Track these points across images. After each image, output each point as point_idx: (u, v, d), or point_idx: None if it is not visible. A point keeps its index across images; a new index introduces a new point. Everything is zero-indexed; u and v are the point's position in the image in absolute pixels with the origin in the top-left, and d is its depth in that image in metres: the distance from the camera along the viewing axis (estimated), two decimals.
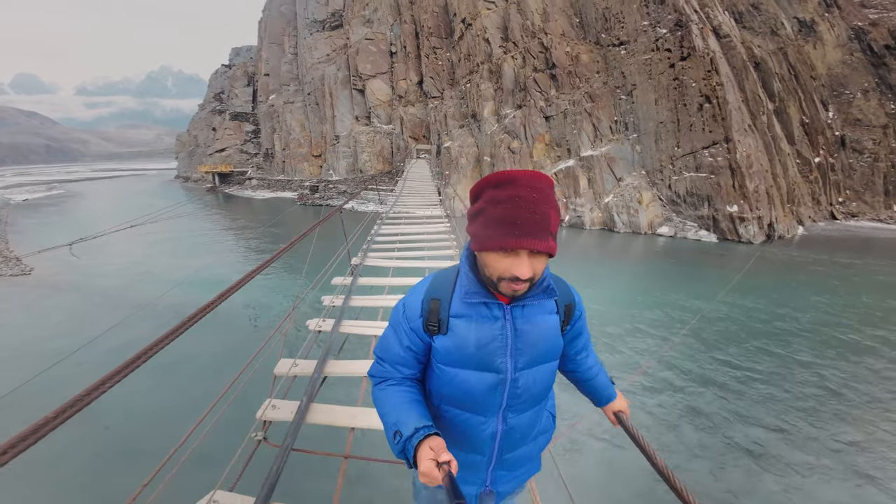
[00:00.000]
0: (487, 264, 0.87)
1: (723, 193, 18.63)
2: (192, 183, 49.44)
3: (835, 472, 4.84)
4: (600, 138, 21.81)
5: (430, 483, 0.76)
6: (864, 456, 5.06)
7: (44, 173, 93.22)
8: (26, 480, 4.50)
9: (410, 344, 0.98)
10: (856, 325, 9.23)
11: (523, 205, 0.79)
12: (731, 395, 6.34)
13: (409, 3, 31.87)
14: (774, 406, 6.06)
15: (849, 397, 6.33)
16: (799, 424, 5.67)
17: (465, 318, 0.93)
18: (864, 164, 27.44)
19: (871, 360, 7.51)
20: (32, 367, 5.63)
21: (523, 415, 1.00)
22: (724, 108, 18.90)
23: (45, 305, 10.42)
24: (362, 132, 30.39)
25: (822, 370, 7.11)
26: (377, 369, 1.03)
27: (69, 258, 13.99)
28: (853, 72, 28.62)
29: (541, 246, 0.80)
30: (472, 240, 0.88)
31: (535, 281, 0.87)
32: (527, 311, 0.94)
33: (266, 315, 9.75)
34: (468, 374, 0.94)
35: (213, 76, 57.68)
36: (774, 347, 8.06)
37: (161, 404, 5.91)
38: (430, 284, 0.99)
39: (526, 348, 0.94)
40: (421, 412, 0.91)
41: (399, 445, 0.84)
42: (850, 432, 5.52)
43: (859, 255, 16.95)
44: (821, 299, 11.00)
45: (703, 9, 23.82)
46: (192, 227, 23.20)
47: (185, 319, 1.35)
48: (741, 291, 11.22)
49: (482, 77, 25.04)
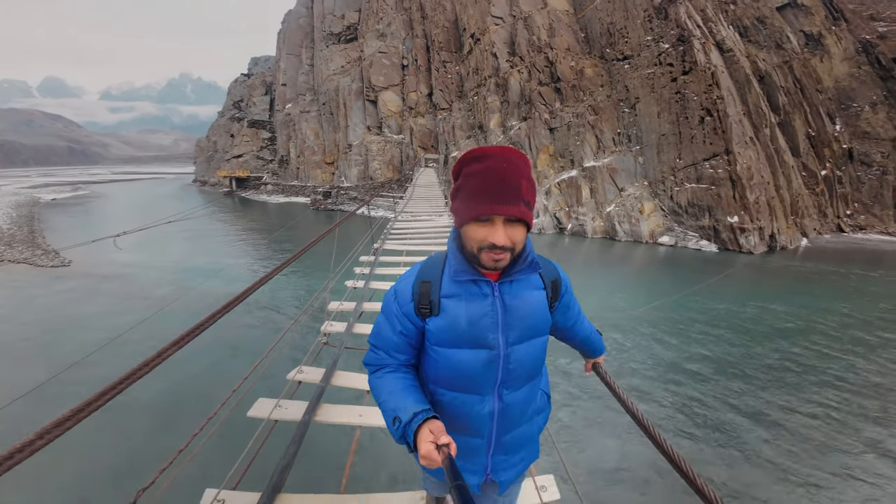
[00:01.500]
0: (468, 237, 0.90)
1: (723, 204, 19.03)
2: (208, 187, 51.31)
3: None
4: (603, 149, 22.45)
5: (430, 465, 0.78)
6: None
7: (67, 175, 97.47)
8: (32, 480, 4.58)
9: (403, 329, 0.99)
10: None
11: (494, 175, 0.83)
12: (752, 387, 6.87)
13: (420, 18, 33.21)
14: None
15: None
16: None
17: (456, 297, 0.95)
18: (872, 177, 27.31)
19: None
20: (92, 340, 6.58)
21: (518, 391, 1.01)
22: (724, 121, 19.39)
23: (90, 292, 11.50)
24: (374, 141, 31.61)
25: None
26: (372, 357, 1.05)
27: (104, 252, 15.10)
28: (861, 85, 28.62)
29: (513, 211, 0.83)
30: (455, 217, 0.92)
31: (515, 252, 0.89)
32: (514, 287, 0.97)
33: (286, 306, 10.60)
34: (462, 353, 0.96)
35: (233, 84, 60.09)
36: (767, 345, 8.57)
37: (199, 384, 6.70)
38: (420, 269, 1.03)
39: (516, 323, 0.96)
40: (418, 397, 0.93)
41: (399, 430, 0.86)
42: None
43: (868, 266, 16.96)
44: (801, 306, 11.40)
45: (707, 23, 24.38)
46: (216, 227, 24.43)
47: (214, 312, 1.43)
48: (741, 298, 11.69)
49: (489, 90, 26.00)
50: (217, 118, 59.83)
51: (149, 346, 6.45)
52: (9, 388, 5.04)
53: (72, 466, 4.74)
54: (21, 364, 7.42)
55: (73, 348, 7.50)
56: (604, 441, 5.58)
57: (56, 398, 5.76)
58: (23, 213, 28.21)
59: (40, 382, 4.36)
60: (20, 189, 52.62)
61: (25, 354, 7.94)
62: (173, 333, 1.23)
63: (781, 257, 18.66)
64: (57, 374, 4.50)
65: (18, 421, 4.92)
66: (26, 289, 11.96)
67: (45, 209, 32.69)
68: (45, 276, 13.36)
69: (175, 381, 6.65)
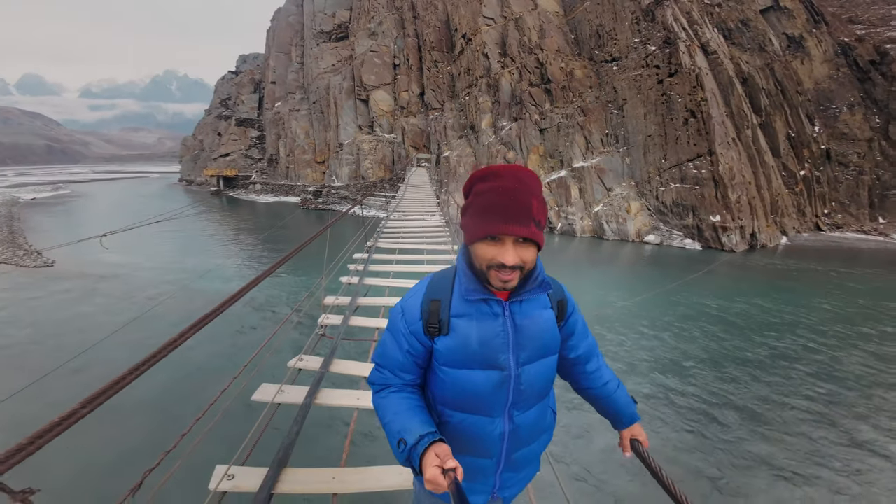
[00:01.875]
0: (477, 255, 0.89)
1: (706, 204, 19.58)
2: (195, 186, 50.42)
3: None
4: (592, 150, 22.85)
5: (436, 490, 0.76)
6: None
7: (45, 174, 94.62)
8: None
9: (410, 348, 0.97)
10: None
11: (505, 193, 0.82)
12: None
13: (412, 17, 33.18)
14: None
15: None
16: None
17: (467, 316, 0.94)
18: (849, 177, 28.29)
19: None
20: (84, 339, 6.55)
21: (528, 412, 1.00)
22: (707, 123, 19.94)
23: (78, 292, 11.35)
24: (365, 140, 31.53)
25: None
26: (377, 376, 1.02)
27: (89, 253, 14.84)
28: (839, 87, 29.59)
29: (523, 231, 0.82)
30: (464, 233, 0.91)
31: (525, 271, 0.88)
32: (524, 307, 0.96)
33: (280, 304, 10.63)
34: (473, 374, 0.94)
35: (220, 82, 59.11)
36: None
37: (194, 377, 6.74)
38: (429, 286, 1.00)
39: (527, 343, 0.95)
40: (424, 419, 0.91)
41: (404, 454, 0.84)
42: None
43: (846, 264, 17.69)
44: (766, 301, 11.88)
45: (693, 26, 24.94)
46: (204, 226, 24.12)
47: (209, 312, 1.44)
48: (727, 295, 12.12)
49: (480, 90, 26.19)
50: (204, 116, 58.80)
51: (144, 345, 6.46)
52: (11, 385, 5.07)
53: (79, 454, 4.87)
54: (16, 363, 7.34)
55: (71, 346, 7.45)
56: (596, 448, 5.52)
57: (61, 390, 5.76)
58: (1, 213, 27.43)
59: (39, 377, 4.40)
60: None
61: (21, 354, 7.85)
62: (166, 332, 1.31)
63: (762, 255, 19.28)
64: (55, 368, 4.60)
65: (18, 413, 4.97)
66: (11, 290, 11.73)
67: (25, 209, 31.79)
68: (29, 276, 13.11)
69: (175, 376, 6.77)
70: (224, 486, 1.66)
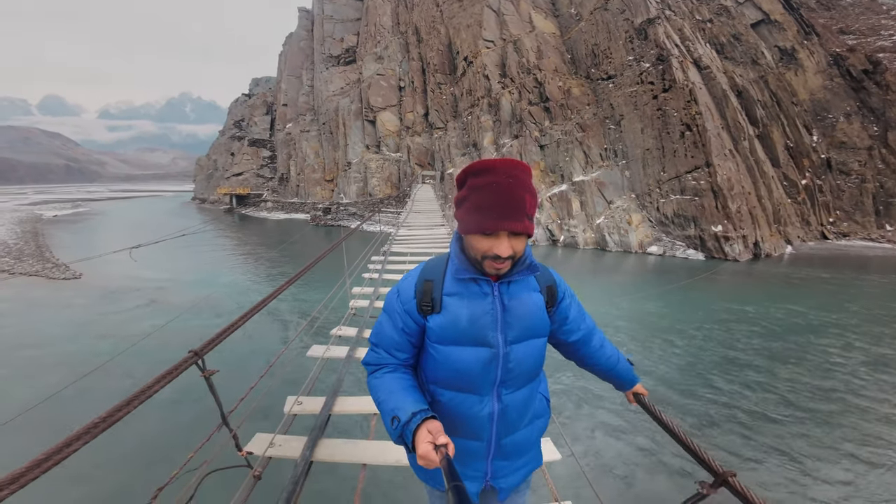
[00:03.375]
0: (472, 246, 0.95)
1: (707, 214, 20.00)
2: (208, 205, 52.14)
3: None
4: (591, 164, 23.57)
5: (427, 465, 0.79)
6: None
7: (64, 192, 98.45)
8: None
9: (404, 326, 1.02)
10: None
11: (501, 191, 0.87)
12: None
13: (416, 41, 34.86)
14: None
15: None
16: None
17: (458, 295, 0.98)
18: (852, 186, 28.38)
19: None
20: (112, 346, 7.26)
21: (517, 392, 1.03)
22: (703, 135, 20.55)
23: (107, 301, 12.14)
24: (372, 159, 32.75)
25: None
26: (372, 356, 1.06)
27: (113, 266, 15.70)
28: (834, 96, 30.01)
29: (517, 227, 0.89)
30: (458, 224, 0.96)
31: (516, 259, 0.95)
32: (513, 288, 1.00)
33: (293, 314, 11.28)
34: (463, 351, 0.98)
35: (234, 104, 61.75)
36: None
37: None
38: (423, 269, 1.06)
39: (514, 322, 0.99)
40: (417, 397, 0.94)
41: (397, 430, 0.87)
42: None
43: (860, 271, 17.84)
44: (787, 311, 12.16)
45: (685, 42, 25.89)
46: (220, 242, 24.91)
47: (246, 311, 1.77)
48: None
49: (482, 110, 27.30)
50: (218, 137, 61.20)
51: (180, 345, 7.14)
52: (48, 388, 5.74)
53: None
54: (44, 370, 8.00)
55: (91, 354, 8.14)
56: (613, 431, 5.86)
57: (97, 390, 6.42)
58: (27, 230, 28.80)
59: (77, 378, 5.06)
60: (19, 206, 53.21)
61: (49, 361, 8.54)
62: (193, 337, 1.94)
63: (767, 264, 19.40)
64: (92, 370, 5.25)
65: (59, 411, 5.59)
66: (48, 298, 12.53)
67: (48, 225, 33.22)
68: (60, 287, 13.87)
69: (231, 358, 7.60)
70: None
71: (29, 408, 5.25)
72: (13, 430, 5.07)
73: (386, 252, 6.67)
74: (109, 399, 2.19)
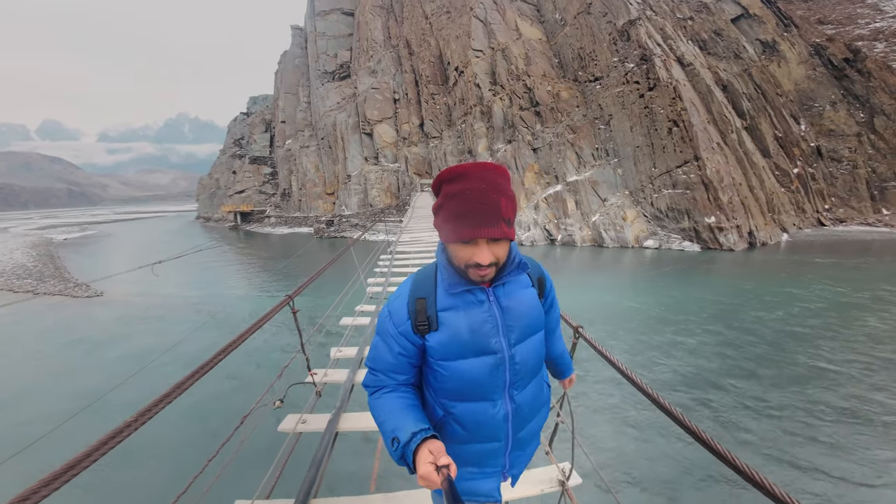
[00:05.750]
0: (454, 254, 0.94)
1: (699, 206, 20.57)
2: (213, 223, 52.92)
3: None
4: (584, 164, 24.28)
5: (428, 487, 0.77)
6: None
7: (69, 216, 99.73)
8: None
9: (401, 349, 1.00)
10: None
11: (474, 197, 0.85)
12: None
13: (408, 54, 35.92)
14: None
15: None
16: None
17: (454, 309, 0.97)
18: (844, 172, 28.84)
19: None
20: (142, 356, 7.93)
21: (526, 389, 1.04)
22: (690, 130, 21.22)
23: (131, 316, 12.78)
24: (371, 171, 33.62)
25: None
26: (371, 379, 1.05)
27: (131, 284, 16.36)
28: (819, 86, 30.62)
29: (494, 233, 0.86)
30: (438, 233, 0.95)
31: (500, 264, 0.94)
32: (507, 289, 1.01)
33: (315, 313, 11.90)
34: (469, 363, 0.97)
35: (233, 123, 63.07)
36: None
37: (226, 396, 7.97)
38: (412, 286, 1.03)
39: (514, 324, 0.99)
40: (417, 416, 0.93)
41: (398, 451, 0.86)
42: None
43: (865, 255, 18.16)
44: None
45: (667, 41, 26.67)
46: (229, 258, 25.39)
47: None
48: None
49: (475, 118, 28.15)
50: (218, 156, 62.40)
51: (201, 351, 7.91)
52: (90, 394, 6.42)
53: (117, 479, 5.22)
54: (78, 376, 8.68)
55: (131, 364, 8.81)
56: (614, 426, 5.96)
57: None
58: (41, 252, 29.59)
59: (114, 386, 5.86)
60: (29, 230, 54.18)
61: (81, 370, 9.22)
62: (214, 343, 2.55)
63: (764, 252, 19.81)
64: (121, 382, 6.00)
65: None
66: (79, 314, 13.08)
67: (60, 248, 34.00)
68: (86, 305, 14.42)
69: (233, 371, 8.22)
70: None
71: (133, 372, 6.62)
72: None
73: (392, 251, 7.64)
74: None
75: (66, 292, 15.98)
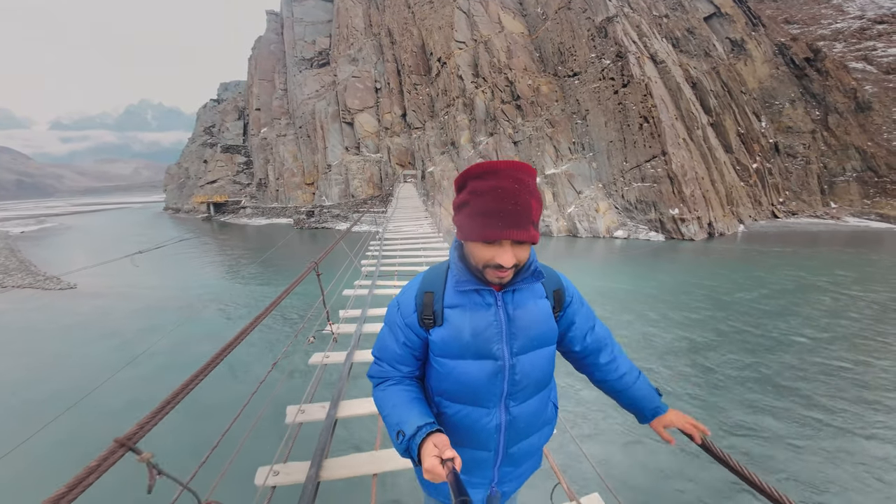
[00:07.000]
0: (472, 253, 0.91)
1: (665, 199, 21.89)
2: (183, 214, 50.59)
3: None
4: (561, 158, 25.13)
5: (433, 480, 0.77)
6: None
7: (21, 209, 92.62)
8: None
9: (406, 340, 1.00)
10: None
11: (505, 196, 0.81)
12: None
13: (390, 43, 35.40)
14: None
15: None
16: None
17: (460, 307, 0.96)
18: (798, 167, 31.10)
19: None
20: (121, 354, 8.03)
21: (525, 403, 1.00)
22: (658, 126, 22.38)
23: (109, 309, 12.50)
24: (353, 161, 33.28)
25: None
26: (376, 370, 1.05)
27: (104, 277, 15.86)
28: (780, 84, 32.66)
29: (523, 236, 0.84)
30: (458, 230, 0.91)
31: (519, 267, 0.91)
32: (517, 297, 0.97)
33: (292, 311, 12.06)
34: (467, 365, 0.95)
35: (202, 110, 60.16)
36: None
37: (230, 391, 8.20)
38: (423, 279, 1.03)
39: (520, 333, 0.96)
40: (423, 410, 0.92)
41: (403, 444, 0.86)
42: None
43: (810, 245, 19.76)
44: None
45: (642, 38, 27.64)
46: (203, 249, 24.56)
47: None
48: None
49: (458, 109, 28.36)
50: (187, 144, 59.56)
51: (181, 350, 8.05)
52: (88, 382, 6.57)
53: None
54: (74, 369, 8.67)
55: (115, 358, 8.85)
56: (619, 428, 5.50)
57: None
58: (0, 246, 27.96)
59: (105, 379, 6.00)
60: None
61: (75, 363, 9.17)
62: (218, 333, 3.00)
63: (721, 242, 21.41)
64: (114, 374, 6.12)
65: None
66: (54, 306, 12.72)
67: (19, 241, 32.08)
68: (61, 297, 13.93)
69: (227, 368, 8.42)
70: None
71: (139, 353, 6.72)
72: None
73: (381, 239, 7.93)
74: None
75: (37, 285, 15.33)
